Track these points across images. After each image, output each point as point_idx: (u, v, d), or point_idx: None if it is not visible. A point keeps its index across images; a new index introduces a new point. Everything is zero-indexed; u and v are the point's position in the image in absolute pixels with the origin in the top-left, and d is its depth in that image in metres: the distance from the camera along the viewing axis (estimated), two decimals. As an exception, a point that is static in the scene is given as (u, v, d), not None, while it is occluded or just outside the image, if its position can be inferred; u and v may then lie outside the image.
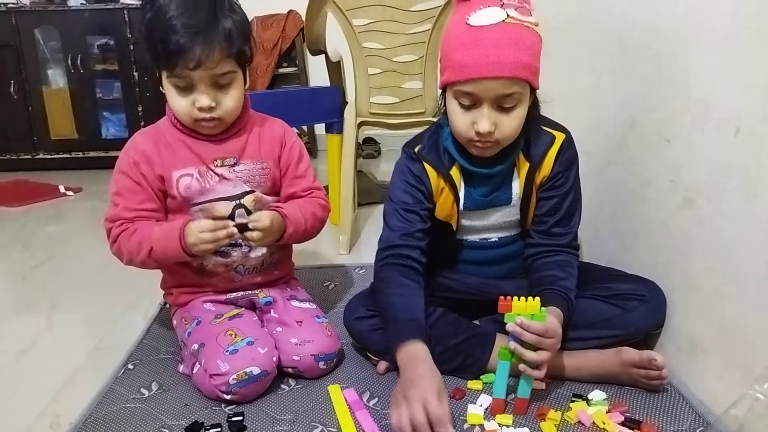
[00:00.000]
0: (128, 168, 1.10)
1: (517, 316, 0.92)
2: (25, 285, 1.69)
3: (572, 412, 0.97)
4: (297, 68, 3.37)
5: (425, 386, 0.89)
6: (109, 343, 1.29)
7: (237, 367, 1.00)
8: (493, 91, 0.96)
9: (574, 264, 1.10)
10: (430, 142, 1.12)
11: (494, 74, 0.94)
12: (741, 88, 0.89)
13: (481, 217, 1.14)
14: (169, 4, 1.00)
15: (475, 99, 0.97)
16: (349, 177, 1.83)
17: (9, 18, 2.99)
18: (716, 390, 0.96)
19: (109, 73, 3.14)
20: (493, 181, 1.11)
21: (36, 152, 3.18)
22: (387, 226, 1.12)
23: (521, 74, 0.96)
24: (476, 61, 0.94)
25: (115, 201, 1.10)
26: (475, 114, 0.99)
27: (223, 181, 1.12)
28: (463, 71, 0.96)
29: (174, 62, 1.00)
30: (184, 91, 1.05)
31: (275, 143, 1.18)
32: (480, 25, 0.95)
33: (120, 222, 1.09)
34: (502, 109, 0.98)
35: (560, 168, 1.09)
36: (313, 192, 1.21)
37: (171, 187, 1.10)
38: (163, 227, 1.08)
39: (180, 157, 1.10)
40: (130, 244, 1.07)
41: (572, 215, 1.12)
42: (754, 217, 0.87)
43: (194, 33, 0.99)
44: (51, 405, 1.08)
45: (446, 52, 1.00)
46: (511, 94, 0.96)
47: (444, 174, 1.10)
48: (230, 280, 1.17)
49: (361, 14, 1.73)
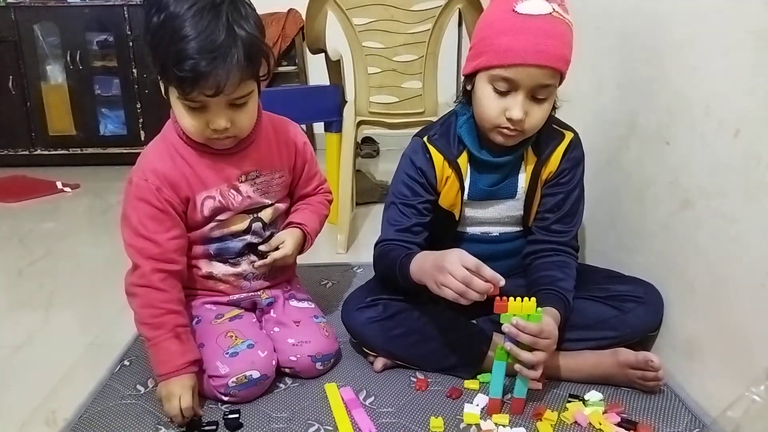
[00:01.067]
0: (150, 194, 1.00)
1: (513, 317, 0.92)
2: (22, 281, 1.69)
3: (569, 413, 0.97)
4: (296, 67, 3.37)
5: (449, 255, 0.93)
6: (106, 339, 1.29)
7: (237, 370, 0.99)
8: (534, 79, 0.97)
9: (573, 265, 1.11)
10: (442, 128, 1.13)
11: (541, 62, 0.96)
12: (741, 91, 0.89)
13: (485, 207, 1.14)
14: (180, 13, 0.89)
15: (512, 85, 0.99)
16: (348, 176, 1.83)
17: (8, 13, 2.98)
18: (713, 392, 0.96)
19: (108, 70, 3.12)
20: (500, 172, 1.12)
21: (34, 148, 3.16)
22: (385, 219, 1.14)
23: (563, 67, 0.99)
24: (524, 47, 0.95)
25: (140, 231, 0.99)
26: (508, 100, 1.00)
27: (246, 199, 1.08)
28: (509, 56, 0.97)
29: (189, 88, 0.91)
30: (196, 111, 0.96)
31: (290, 150, 1.15)
32: (529, 13, 0.96)
33: (153, 270, 0.99)
34: (535, 100, 1.00)
35: (567, 165, 1.11)
36: (321, 187, 1.23)
37: (195, 210, 1.05)
38: (168, 343, 0.98)
39: (202, 178, 1.04)
40: (140, 311, 1.00)
41: (574, 214, 1.13)
42: (753, 219, 0.87)
43: (213, 58, 0.88)
44: (47, 401, 1.08)
45: (487, 36, 1.00)
46: (548, 85, 0.99)
47: (451, 161, 1.10)
48: (239, 288, 1.15)
49: (362, 13, 1.72)
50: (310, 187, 1.21)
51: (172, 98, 0.97)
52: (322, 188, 1.24)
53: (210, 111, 0.96)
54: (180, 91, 0.92)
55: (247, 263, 1.13)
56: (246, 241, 1.11)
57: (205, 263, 1.11)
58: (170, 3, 0.90)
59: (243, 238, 1.11)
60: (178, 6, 0.89)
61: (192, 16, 0.89)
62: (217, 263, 1.11)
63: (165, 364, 0.97)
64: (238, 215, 1.09)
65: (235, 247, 1.11)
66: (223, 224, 1.08)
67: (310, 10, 1.77)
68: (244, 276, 1.14)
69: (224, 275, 1.12)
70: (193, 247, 1.09)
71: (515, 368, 0.94)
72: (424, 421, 0.97)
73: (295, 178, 1.18)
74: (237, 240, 1.11)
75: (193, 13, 0.89)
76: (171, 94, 0.97)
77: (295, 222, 1.16)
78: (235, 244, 1.11)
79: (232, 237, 1.10)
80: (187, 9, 0.89)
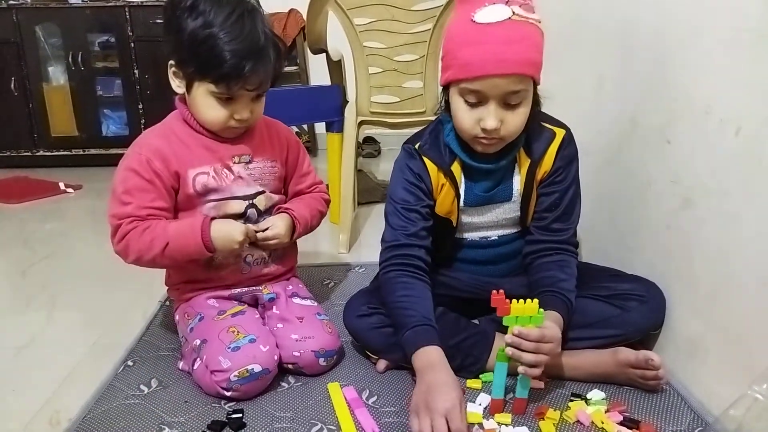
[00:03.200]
0: (139, 165, 1.07)
1: (515, 322, 0.92)
2: (25, 282, 1.69)
3: (571, 412, 0.97)
4: (298, 67, 3.37)
5: (448, 397, 0.88)
6: (109, 340, 1.29)
7: (239, 364, 1.00)
8: (500, 88, 0.96)
9: (574, 264, 1.11)
10: (431, 138, 1.12)
11: (502, 72, 0.94)
12: (742, 90, 0.89)
13: (482, 213, 1.14)
14: (222, 20, 0.99)
15: (481, 96, 0.97)
16: (349, 176, 1.84)
17: (10, 15, 2.99)
18: (715, 390, 0.96)
19: (110, 71, 3.13)
20: (494, 176, 1.11)
21: (36, 149, 3.18)
22: (389, 225, 1.12)
23: (529, 71, 0.96)
24: (484, 58, 0.94)
25: (123, 199, 1.07)
26: (480, 111, 0.99)
27: (238, 180, 1.13)
28: (470, 69, 0.95)
29: (235, 84, 1.02)
30: (224, 102, 1.06)
31: (282, 144, 1.22)
32: (486, 22, 0.94)
33: (131, 219, 1.06)
34: (508, 106, 0.98)
35: (561, 163, 1.10)
36: (316, 187, 1.28)
37: (186, 185, 1.09)
38: (179, 223, 1.08)
39: (196, 155, 1.10)
40: (141, 242, 1.05)
41: (572, 211, 1.12)
42: (755, 217, 0.87)
43: (257, 59, 1.01)
44: (50, 401, 1.08)
45: (450, 49, 1.00)
46: (518, 91, 0.97)
47: (445, 169, 1.10)
48: (239, 272, 1.17)
49: (363, 13, 1.73)
50: (304, 184, 1.26)
51: (199, 92, 1.06)
52: (317, 188, 1.28)
53: (238, 103, 1.07)
54: (223, 86, 1.03)
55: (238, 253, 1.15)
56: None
57: None
58: (207, 9, 1.00)
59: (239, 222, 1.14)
60: (217, 13, 1.00)
61: (234, 22, 1.00)
62: None
63: (193, 234, 1.06)
64: (233, 200, 1.13)
65: None
66: (219, 206, 1.12)
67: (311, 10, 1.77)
68: (243, 258, 1.17)
69: (224, 257, 1.15)
70: None
71: (519, 370, 0.94)
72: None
73: (288, 173, 1.24)
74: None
75: (234, 20, 1.00)
76: (199, 89, 1.05)
77: (282, 208, 1.20)
78: None
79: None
80: (227, 15, 1.00)
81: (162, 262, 1.10)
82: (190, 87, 1.07)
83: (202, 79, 1.04)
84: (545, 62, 1.00)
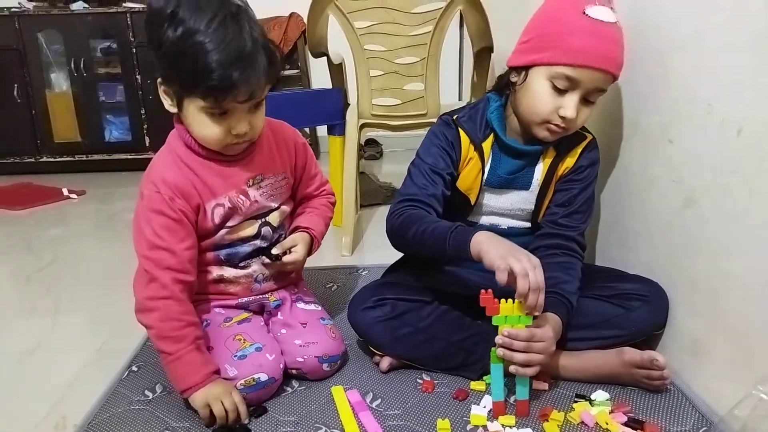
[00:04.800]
0: (162, 205, 0.99)
1: (504, 321, 0.93)
2: (30, 287, 1.70)
3: (575, 413, 0.97)
4: (299, 70, 3.37)
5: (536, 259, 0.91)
6: (114, 346, 1.30)
7: (245, 372, 1.00)
8: (595, 82, 1.01)
9: (578, 267, 1.11)
10: (471, 112, 1.15)
11: (607, 68, 1.00)
12: (744, 89, 0.89)
13: (499, 195, 1.16)
14: (201, 28, 0.90)
15: (573, 84, 1.01)
16: (352, 179, 1.84)
17: (12, 22, 2.99)
18: (719, 390, 0.96)
19: (112, 77, 3.14)
20: (521, 160, 1.13)
21: (39, 155, 3.18)
22: (411, 181, 1.12)
23: (619, 75, 1.04)
24: (595, 51, 0.99)
25: (151, 243, 0.98)
26: (564, 99, 1.02)
27: (254, 204, 1.09)
28: (580, 56, 0.99)
29: (222, 97, 0.92)
30: (218, 118, 0.97)
31: (290, 150, 1.16)
32: (600, 19, 0.99)
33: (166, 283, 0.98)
34: (586, 102, 1.03)
35: (584, 162, 1.13)
36: (323, 189, 1.25)
37: (205, 218, 1.05)
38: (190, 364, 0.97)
39: (209, 186, 1.04)
40: (157, 327, 0.98)
41: (584, 212, 1.14)
42: (757, 217, 0.87)
43: (245, 66, 0.91)
44: (55, 407, 1.08)
45: (554, 32, 1.02)
46: (604, 90, 1.03)
47: (476, 144, 1.12)
48: (249, 290, 1.16)
49: (363, 17, 1.73)
50: (312, 187, 1.23)
51: (190, 110, 0.97)
52: (324, 189, 1.25)
53: (233, 117, 0.97)
54: (211, 100, 0.93)
55: (257, 264, 1.14)
56: (255, 246, 1.12)
57: (215, 268, 1.12)
58: (187, 17, 0.90)
59: (252, 243, 1.12)
60: (197, 20, 0.90)
61: (215, 29, 0.90)
62: (228, 267, 1.12)
63: (192, 375, 0.97)
64: (247, 221, 1.10)
65: (244, 251, 1.12)
66: (233, 230, 1.09)
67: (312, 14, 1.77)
68: (254, 278, 1.15)
69: (235, 277, 1.13)
70: (204, 254, 1.09)
71: (510, 370, 0.94)
72: (431, 423, 0.97)
73: (296, 179, 1.19)
74: (246, 245, 1.12)
75: (216, 26, 0.90)
76: (189, 106, 0.97)
77: (302, 226, 1.17)
78: (244, 249, 1.12)
79: (241, 242, 1.11)
80: (209, 22, 0.90)
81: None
82: (181, 105, 0.98)
83: (190, 95, 0.95)
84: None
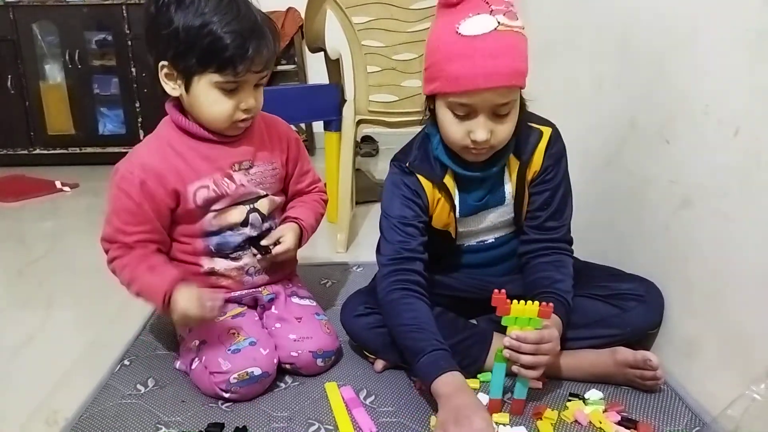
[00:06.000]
0: (129, 187, 1.03)
1: (514, 322, 0.92)
2: (22, 281, 1.69)
3: (569, 412, 0.97)
4: (296, 66, 3.37)
5: (480, 419, 0.85)
6: (106, 339, 1.29)
7: (239, 366, 1.00)
8: (489, 101, 0.95)
9: (569, 263, 1.10)
10: (420, 153, 1.10)
11: (492, 85, 0.92)
12: (741, 89, 0.89)
13: (477, 220, 1.13)
14: (207, 5, 0.96)
15: (470, 109, 0.96)
16: (347, 175, 1.83)
17: (7, 12, 2.98)
18: (713, 390, 0.96)
19: (107, 69, 3.12)
20: (487, 184, 1.10)
21: (33, 147, 3.16)
22: (386, 240, 1.09)
23: (518, 82, 0.96)
24: (472, 72, 0.92)
25: (112, 221, 1.05)
26: (470, 123, 0.97)
27: (240, 188, 1.10)
28: (459, 83, 0.94)
29: (241, 66, 0.98)
30: (229, 93, 1.02)
31: (282, 143, 1.18)
32: (472, 34, 0.92)
33: (117, 246, 1.05)
34: (497, 117, 0.97)
35: (549, 162, 1.09)
36: (315, 186, 1.26)
37: (186, 201, 1.06)
38: (151, 278, 1.02)
39: (194, 168, 1.06)
40: (121, 276, 1.05)
41: (564, 208, 1.12)
42: (753, 218, 0.87)
43: (257, 37, 0.98)
44: (47, 401, 1.07)
45: (437, 61, 0.97)
46: (507, 102, 0.96)
47: (438, 183, 1.08)
48: (240, 283, 1.16)
49: (361, 12, 1.73)
50: (304, 183, 1.24)
51: (200, 87, 1.01)
52: (316, 186, 1.26)
53: (243, 91, 1.03)
54: (230, 71, 0.99)
55: (248, 257, 1.14)
56: (245, 235, 1.13)
57: (206, 260, 1.12)
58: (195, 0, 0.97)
59: (242, 232, 1.12)
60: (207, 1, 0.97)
61: (227, 5, 0.97)
62: (219, 259, 1.12)
63: (155, 298, 1.01)
64: (234, 206, 1.11)
65: (234, 241, 1.12)
66: (220, 215, 1.10)
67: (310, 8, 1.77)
68: (246, 270, 1.15)
69: (226, 270, 1.14)
70: (194, 243, 1.10)
71: (513, 369, 0.94)
72: (424, 420, 0.97)
73: (288, 173, 1.21)
74: (236, 234, 1.12)
75: (227, 3, 0.98)
76: (200, 83, 1.01)
77: (291, 217, 1.18)
78: (234, 238, 1.12)
79: (230, 231, 1.11)
80: (218, 1, 0.97)
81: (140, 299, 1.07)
82: (189, 84, 1.02)
83: (204, 71, 0.99)
84: (545, 63, 1.00)
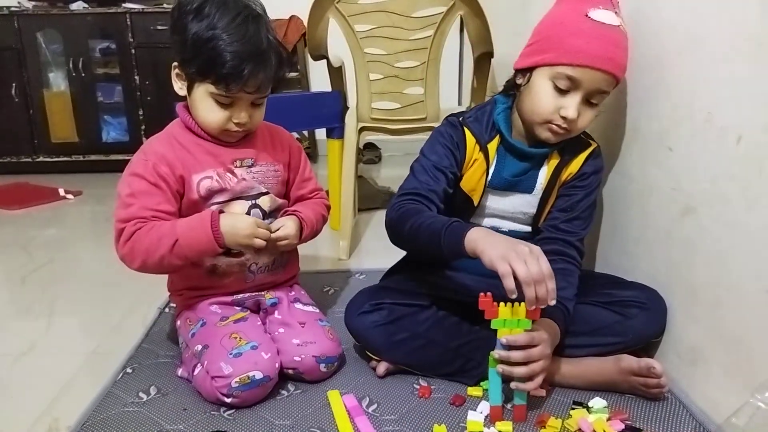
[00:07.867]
0: (144, 170, 1.06)
1: (503, 325, 0.92)
2: (25, 288, 1.69)
3: (572, 420, 0.96)
4: (298, 73, 3.38)
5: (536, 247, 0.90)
6: (108, 347, 1.29)
7: (240, 370, 1.00)
8: (596, 83, 1.02)
9: (576, 274, 1.11)
10: (477, 113, 1.16)
11: (608, 68, 1.02)
12: (743, 97, 0.89)
13: (503, 197, 1.16)
14: (226, 23, 1.00)
15: (574, 85, 1.02)
16: (350, 182, 1.83)
17: (11, 21, 2.99)
18: (717, 398, 0.96)
19: (111, 77, 3.14)
20: (526, 162, 1.13)
21: (36, 155, 3.17)
22: (413, 176, 1.12)
23: (621, 77, 1.06)
24: (596, 51, 1.00)
25: (128, 202, 1.05)
26: (565, 99, 1.03)
27: (242, 181, 1.13)
28: (580, 56, 1.01)
29: (234, 85, 1.02)
30: (223, 106, 1.06)
31: (285, 149, 1.22)
32: (602, 21, 1.01)
33: (135, 221, 1.04)
34: (588, 103, 1.05)
35: (588, 170, 1.14)
36: (318, 193, 1.28)
37: (191, 190, 1.09)
38: (188, 219, 1.06)
39: (198, 159, 1.10)
40: (148, 241, 1.03)
41: (585, 219, 1.14)
42: (755, 225, 0.87)
43: (258, 62, 1.01)
44: (49, 409, 1.07)
45: (556, 34, 1.04)
46: (605, 92, 1.04)
47: (482, 144, 1.13)
48: (243, 280, 1.17)
49: (363, 20, 1.73)
50: (306, 189, 1.26)
51: (199, 93, 1.06)
52: (318, 194, 1.29)
53: (237, 107, 1.07)
54: (222, 87, 1.03)
55: (249, 252, 1.14)
56: None
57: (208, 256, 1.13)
58: (213, 12, 1.01)
59: None
60: (222, 17, 1.01)
61: (238, 25, 1.01)
62: (219, 255, 1.13)
63: (203, 227, 1.04)
64: (236, 200, 1.13)
65: None
66: (222, 208, 1.11)
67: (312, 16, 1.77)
68: (248, 266, 1.16)
69: (228, 266, 1.15)
70: None
71: (512, 386, 0.94)
72: (427, 428, 0.97)
73: (290, 179, 1.24)
74: None
75: (239, 23, 1.01)
76: (199, 89, 1.06)
77: (290, 210, 1.21)
78: None
79: None
80: (232, 19, 1.01)
81: (170, 263, 1.04)
82: (191, 88, 1.07)
83: (202, 80, 1.04)
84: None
